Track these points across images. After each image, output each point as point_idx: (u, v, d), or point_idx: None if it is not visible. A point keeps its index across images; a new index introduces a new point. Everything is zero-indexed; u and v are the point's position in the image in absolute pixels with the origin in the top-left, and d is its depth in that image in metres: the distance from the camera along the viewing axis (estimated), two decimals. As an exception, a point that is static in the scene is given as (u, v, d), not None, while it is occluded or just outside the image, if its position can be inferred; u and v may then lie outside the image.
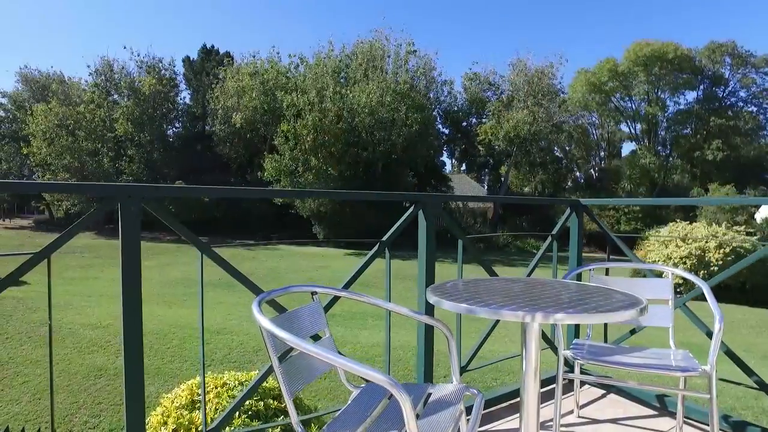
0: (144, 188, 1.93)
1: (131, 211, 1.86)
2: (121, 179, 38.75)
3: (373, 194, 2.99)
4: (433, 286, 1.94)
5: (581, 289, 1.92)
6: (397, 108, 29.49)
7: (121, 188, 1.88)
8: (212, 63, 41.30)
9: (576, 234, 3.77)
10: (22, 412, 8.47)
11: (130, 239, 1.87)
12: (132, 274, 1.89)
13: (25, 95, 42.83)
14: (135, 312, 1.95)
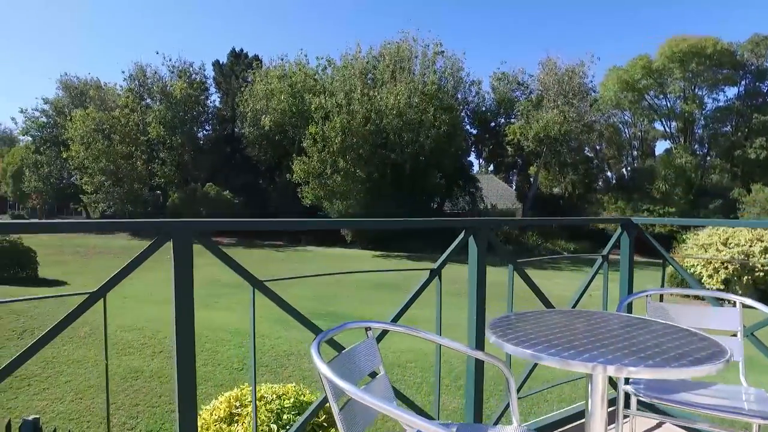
0: (196, 223, 1.89)
1: (183, 247, 1.82)
2: (153, 181, 39.68)
3: (425, 221, 2.87)
4: (491, 322, 1.85)
5: (649, 327, 1.80)
6: (424, 109, 29.33)
7: (174, 224, 1.84)
8: (241, 66, 41.89)
9: (627, 256, 3.53)
10: (66, 410, 8.71)
11: (182, 275, 1.84)
12: (185, 312, 1.85)
13: (65, 101, 44.29)
14: (188, 345, 1.90)
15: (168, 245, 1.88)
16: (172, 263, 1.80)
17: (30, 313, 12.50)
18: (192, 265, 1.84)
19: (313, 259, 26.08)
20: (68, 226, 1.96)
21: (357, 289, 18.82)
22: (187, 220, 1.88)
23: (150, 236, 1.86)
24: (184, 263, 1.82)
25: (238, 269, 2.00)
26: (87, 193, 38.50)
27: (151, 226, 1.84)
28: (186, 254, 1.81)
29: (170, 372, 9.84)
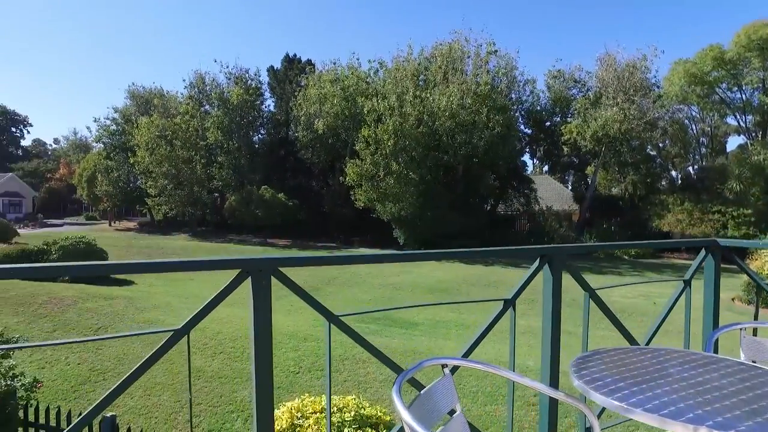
0: (275, 260, 1.87)
1: (263, 285, 1.81)
2: (211, 184, 41.19)
3: (498, 250, 2.71)
4: (574, 363, 1.72)
5: (756, 374, 1.62)
6: (478, 110, 28.86)
7: (253, 262, 1.82)
8: (295, 71, 42.77)
9: (712, 282, 3.14)
10: (136, 405, 9.13)
11: (261, 312, 1.82)
12: (264, 349, 1.83)
13: (132, 110, 46.78)
14: (267, 382, 1.88)
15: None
16: (250, 299, 1.80)
17: (104, 311, 13.21)
18: (270, 301, 1.83)
19: (365, 262, 26.22)
20: (165, 266, 1.99)
21: (412, 292, 18.73)
22: (266, 257, 1.86)
23: (204, 235, 1.85)
24: (263, 300, 1.81)
25: (315, 305, 1.97)
26: (151, 196, 40.47)
27: (232, 264, 1.84)
28: (265, 291, 1.80)
29: (229, 373, 10.14)
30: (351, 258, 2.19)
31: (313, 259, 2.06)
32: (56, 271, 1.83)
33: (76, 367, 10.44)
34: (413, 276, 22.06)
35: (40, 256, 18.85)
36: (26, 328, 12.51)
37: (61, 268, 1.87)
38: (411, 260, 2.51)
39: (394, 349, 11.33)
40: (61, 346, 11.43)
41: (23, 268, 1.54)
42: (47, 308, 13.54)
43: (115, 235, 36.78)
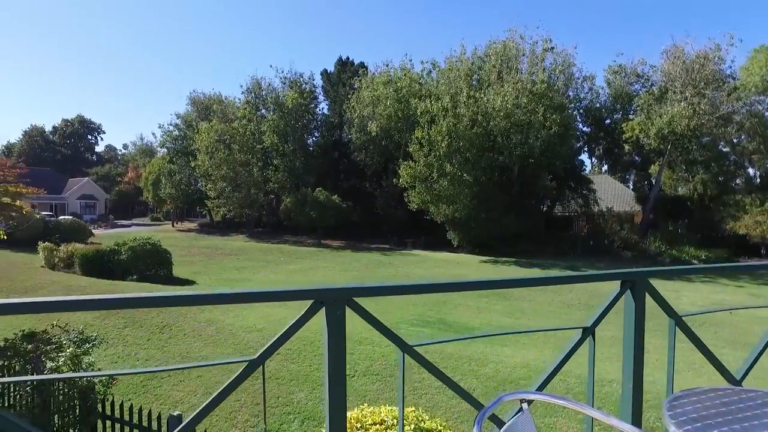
0: (349, 290, 1.80)
1: (337, 315, 1.75)
2: (268, 186, 42.29)
3: (574, 276, 2.50)
4: (669, 403, 1.54)
5: None
6: (533, 109, 28.06)
7: (327, 292, 1.77)
8: (348, 74, 43.24)
9: None
10: (199, 403, 9.39)
11: (335, 343, 1.75)
12: (337, 379, 1.76)
13: (193, 115, 48.84)
14: (341, 411, 1.81)
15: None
16: (324, 329, 1.74)
17: (169, 309, 13.81)
18: (345, 331, 1.76)
19: (419, 264, 26.08)
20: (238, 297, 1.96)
21: (466, 296, 18.44)
22: (340, 287, 1.81)
23: (261, 237, 1.79)
24: (338, 330, 1.75)
25: (389, 334, 1.89)
26: (211, 198, 42.06)
27: (306, 294, 1.79)
28: (339, 321, 1.74)
29: (286, 375, 10.28)
30: (428, 287, 2.07)
31: (388, 288, 1.97)
32: (130, 303, 1.84)
33: (144, 363, 10.93)
34: (465, 273, 21.77)
35: (112, 256, 19.95)
36: (101, 323, 13.24)
37: (138, 299, 1.87)
38: (495, 287, 2.36)
39: (449, 355, 11.14)
40: (131, 341, 12.02)
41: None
42: (118, 306, 14.27)
43: (177, 236, 38.43)
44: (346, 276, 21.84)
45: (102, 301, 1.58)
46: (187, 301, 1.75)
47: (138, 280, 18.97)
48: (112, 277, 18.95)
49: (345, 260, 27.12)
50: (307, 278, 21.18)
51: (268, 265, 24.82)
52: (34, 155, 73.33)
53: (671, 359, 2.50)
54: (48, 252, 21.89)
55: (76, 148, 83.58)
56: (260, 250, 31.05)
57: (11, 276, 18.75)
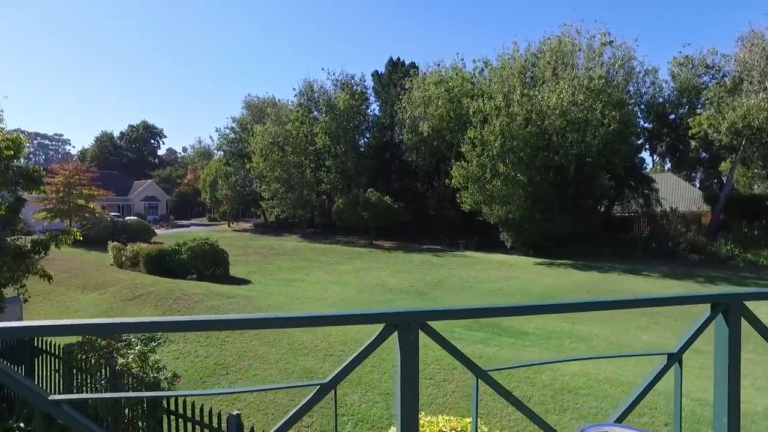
0: (423, 314, 1.70)
1: (410, 339, 1.65)
2: (320, 188, 42.92)
3: (662, 299, 2.26)
4: None
5: None
6: (591, 106, 26.99)
7: (400, 315, 1.67)
8: (399, 75, 43.24)
9: None
10: (254, 401, 9.63)
11: (408, 368, 1.66)
12: (409, 407, 1.67)
13: (248, 119, 50.34)
14: None
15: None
16: (397, 353, 1.65)
17: (226, 309, 14.23)
18: (418, 355, 1.66)
19: (472, 265, 25.68)
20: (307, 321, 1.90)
21: (521, 299, 17.98)
22: (413, 311, 1.71)
23: (317, 239, 1.71)
24: (411, 355, 1.65)
25: (463, 359, 1.77)
26: (265, 199, 43.15)
27: (377, 318, 1.69)
28: (412, 345, 1.64)
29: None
30: (505, 310, 1.92)
31: (463, 312, 1.84)
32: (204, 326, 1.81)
33: (203, 360, 11.27)
34: (521, 282, 21.19)
35: (173, 255, 20.82)
36: (163, 321, 13.82)
37: (223, 321, 1.85)
38: (577, 310, 2.17)
39: (504, 360, 10.85)
40: (191, 339, 12.43)
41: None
42: (180, 304, 14.85)
43: (233, 236, 39.66)
44: (399, 278, 21.79)
45: (186, 323, 1.55)
46: (267, 324, 1.70)
47: (197, 279, 19.67)
48: (173, 276, 19.75)
49: (397, 261, 27.09)
50: (359, 279, 21.28)
51: (321, 266, 25.14)
52: (104, 159, 77.82)
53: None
54: (116, 251, 23.11)
55: (141, 152, 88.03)
56: (313, 250, 31.52)
57: (86, 273, 19.92)
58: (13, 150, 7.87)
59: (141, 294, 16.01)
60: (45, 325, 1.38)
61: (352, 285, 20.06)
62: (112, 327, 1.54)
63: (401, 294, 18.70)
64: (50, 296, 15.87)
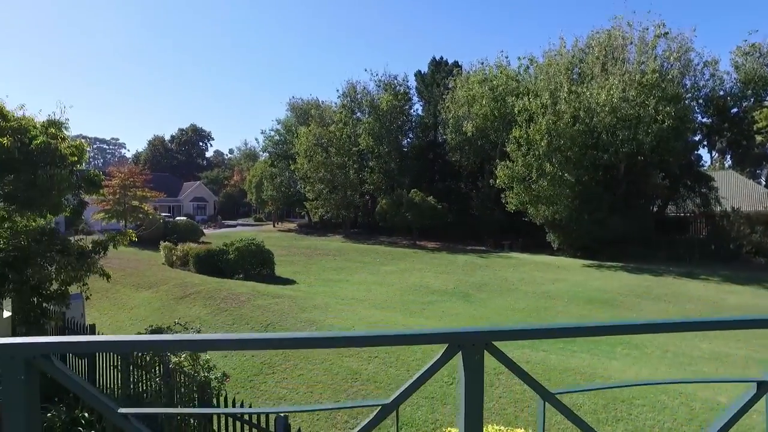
0: (488, 334, 1.59)
1: (475, 360, 1.56)
2: (363, 188, 43.10)
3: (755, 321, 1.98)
4: None
5: None
6: (643, 102, 25.86)
7: (464, 335, 1.58)
8: (442, 74, 42.90)
9: None
10: (300, 401, 9.73)
11: (473, 391, 1.57)
12: (474, 428, 1.57)
13: (293, 121, 51.17)
14: None
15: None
16: (461, 374, 1.56)
17: (272, 309, 14.46)
18: (483, 377, 1.57)
19: (517, 267, 25.14)
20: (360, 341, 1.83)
21: (569, 303, 17.44)
22: (478, 330, 1.61)
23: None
24: (475, 377, 1.55)
25: (530, 382, 1.66)
26: (309, 199, 43.72)
27: (440, 338, 1.60)
28: (477, 367, 1.54)
29: (384, 379, 10.27)
30: (581, 330, 1.78)
31: (533, 332, 1.72)
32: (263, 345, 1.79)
33: (251, 359, 11.46)
34: (568, 284, 20.54)
35: (221, 255, 21.38)
36: (212, 319, 14.18)
37: (279, 340, 1.79)
38: (670, 330, 1.97)
39: (552, 367, 10.50)
40: (238, 336, 12.69)
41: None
42: (227, 303, 15.21)
43: (278, 236, 40.39)
44: (443, 279, 21.58)
45: (246, 341, 1.52)
46: (332, 343, 1.66)
47: (244, 278, 20.11)
48: (221, 275, 20.27)
49: (441, 262, 26.85)
50: (402, 280, 21.20)
51: (365, 266, 25.21)
52: (156, 162, 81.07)
53: None
54: (167, 251, 23.96)
55: (190, 154, 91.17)
56: (356, 250, 31.67)
57: (140, 272, 20.75)
58: (76, 156, 8.27)
59: (191, 293, 16.50)
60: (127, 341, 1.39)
61: (396, 286, 20.00)
62: (172, 344, 1.54)
63: (445, 295, 18.49)
64: (108, 293, 16.58)
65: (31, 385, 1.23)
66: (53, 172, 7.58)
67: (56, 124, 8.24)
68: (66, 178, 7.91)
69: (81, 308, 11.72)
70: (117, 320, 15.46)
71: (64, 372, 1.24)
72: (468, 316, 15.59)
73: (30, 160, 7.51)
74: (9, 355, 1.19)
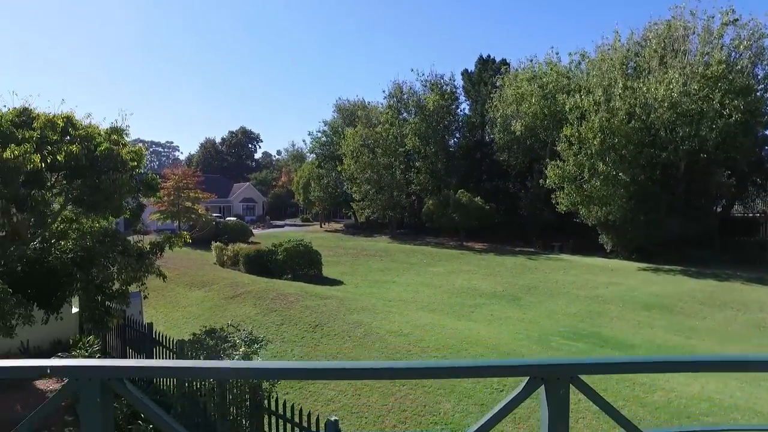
0: (574, 366, 1.46)
1: (559, 394, 1.43)
2: (410, 189, 42.96)
3: None
4: None
5: None
6: (707, 96, 24.47)
7: (549, 368, 1.45)
8: (489, 72, 42.23)
9: None
10: (348, 404, 9.71)
11: (556, 427, 1.44)
12: None
13: (339, 122, 51.68)
14: None
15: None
16: (544, 409, 1.43)
17: (320, 310, 14.57)
18: (568, 412, 1.43)
19: (568, 269, 24.37)
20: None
21: (624, 308, 16.72)
22: (563, 362, 1.49)
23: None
24: (560, 411, 1.43)
25: (619, 418, 1.51)
26: (355, 200, 44.01)
27: (522, 370, 1.49)
28: (562, 401, 1.42)
29: (434, 383, 10.10)
30: (678, 364, 1.61)
31: (623, 365, 1.56)
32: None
33: (299, 360, 11.58)
34: (623, 288, 19.71)
35: (270, 256, 21.79)
36: (262, 319, 14.43)
37: (349, 371, 1.73)
38: None
39: (639, 382, 9.94)
40: (288, 338, 12.87)
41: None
42: (276, 303, 15.44)
43: (325, 236, 40.84)
44: (491, 281, 21.18)
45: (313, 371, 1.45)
46: (401, 375, 1.56)
47: (292, 279, 20.40)
48: (269, 275, 20.64)
49: (489, 264, 26.38)
50: (449, 282, 20.96)
51: (411, 267, 25.10)
52: (207, 164, 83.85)
53: None
54: (219, 251, 24.66)
55: (239, 156, 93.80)
56: (403, 251, 31.59)
57: (192, 271, 21.44)
58: (136, 161, 8.62)
59: (241, 293, 16.88)
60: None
61: (443, 288, 19.79)
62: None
63: (493, 298, 18.13)
64: (163, 292, 17.18)
65: (107, 406, 1.24)
66: (115, 177, 7.91)
67: (118, 131, 8.60)
68: (126, 182, 8.24)
69: (139, 306, 12.21)
70: (172, 318, 16.01)
71: (136, 395, 1.22)
72: (518, 319, 15.21)
73: (95, 166, 7.86)
74: (87, 377, 1.20)
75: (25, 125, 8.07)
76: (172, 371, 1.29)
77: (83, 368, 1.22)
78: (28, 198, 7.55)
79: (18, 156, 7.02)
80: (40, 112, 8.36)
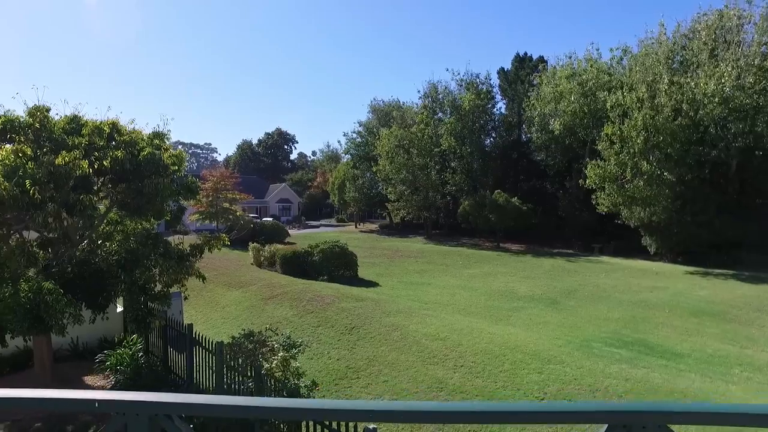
0: (659, 415, 1.29)
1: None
2: (445, 189, 42.61)
3: None
4: None
5: None
6: (763, 89, 23.23)
7: (628, 415, 1.29)
8: (526, 70, 41.43)
9: None
10: (384, 408, 9.63)
11: None
12: None
13: (374, 123, 51.75)
14: None
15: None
16: None
17: (356, 312, 14.55)
18: None
19: (609, 272, 23.61)
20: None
21: (671, 314, 16.04)
22: (644, 408, 1.32)
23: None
24: None
25: None
26: (390, 200, 43.95)
27: (598, 417, 1.31)
28: None
29: (470, 389, 9.91)
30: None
31: (728, 416, 1.34)
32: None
33: (335, 363, 11.54)
34: (669, 293, 18.91)
35: (306, 257, 21.94)
36: (298, 320, 14.51)
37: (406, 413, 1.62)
38: None
39: (657, 387, 9.61)
40: (324, 340, 12.88)
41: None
42: (312, 305, 15.51)
43: (360, 237, 40.94)
44: (529, 284, 20.71)
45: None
46: (453, 419, 1.45)
47: (328, 280, 20.46)
48: (305, 276, 20.76)
49: (526, 266, 25.85)
50: (486, 284, 20.60)
51: (447, 269, 24.83)
52: (244, 165, 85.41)
53: None
54: (256, 251, 25.00)
55: (275, 157, 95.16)
56: (438, 252, 31.31)
57: (230, 272, 21.81)
58: (177, 165, 8.80)
59: (278, 293, 17.04)
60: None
61: (480, 290, 19.47)
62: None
63: (532, 301, 17.72)
64: (202, 292, 17.52)
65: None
66: (157, 181, 8.09)
67: (160, 135, 8.79)
68: (168, 186, 8.41)
69: (180, 306, 12.47)
70: (210, 318, 16.32)
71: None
72: (557, 324, 14.80)
73: (138, 170, 8.06)
74: (134, 412, 1.15)
75: (74, 132, 8.36)
76: (227, 410, 1.21)
77: (130, 403, 1.17)
78: (77, 202, 7.80)
79: (68, 162, 7.27)
80: (88, 119, 8.64)
